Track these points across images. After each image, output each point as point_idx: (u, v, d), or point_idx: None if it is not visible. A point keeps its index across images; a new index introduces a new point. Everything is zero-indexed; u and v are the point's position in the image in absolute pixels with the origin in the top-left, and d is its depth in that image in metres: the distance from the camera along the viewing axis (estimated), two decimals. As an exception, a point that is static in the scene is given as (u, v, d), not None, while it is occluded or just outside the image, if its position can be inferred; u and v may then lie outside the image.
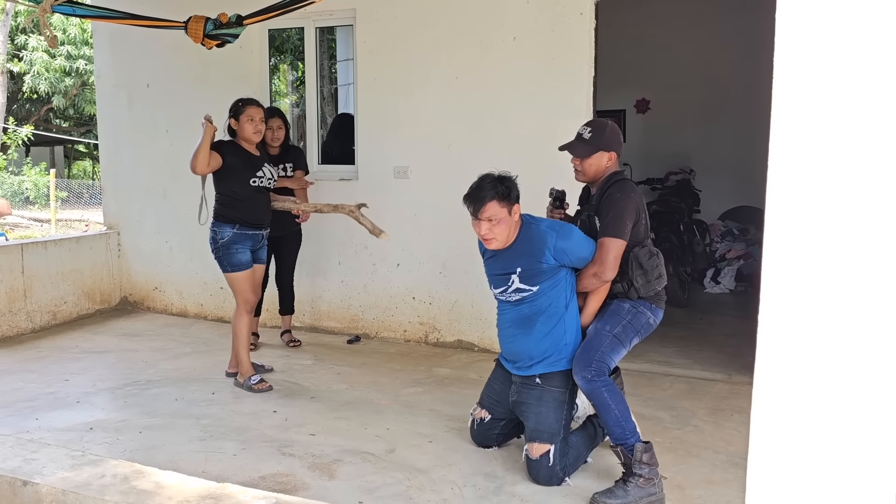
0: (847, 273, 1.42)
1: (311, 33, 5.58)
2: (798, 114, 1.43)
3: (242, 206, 4.22)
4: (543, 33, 4.70)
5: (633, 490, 2.84)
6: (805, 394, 1.47)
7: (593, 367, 2.98)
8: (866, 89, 1.38)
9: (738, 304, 6.68)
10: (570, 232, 3.09)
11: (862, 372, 1.42)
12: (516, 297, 3.13)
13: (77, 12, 4.33)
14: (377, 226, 4.29)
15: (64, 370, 4.65)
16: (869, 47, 1.37)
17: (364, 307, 5.48)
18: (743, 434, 3.59)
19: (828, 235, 1.42)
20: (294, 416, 3.85)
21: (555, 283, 3.08)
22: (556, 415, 3.09)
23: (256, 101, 4.32)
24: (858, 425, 1.44)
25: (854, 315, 1.42)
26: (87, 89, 18.22)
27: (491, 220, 3.02)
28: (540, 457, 3.04)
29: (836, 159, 1.41)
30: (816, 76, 1.42)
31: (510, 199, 3.03)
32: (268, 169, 4.33)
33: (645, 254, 3.10)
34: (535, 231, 3.08)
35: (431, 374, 4.58)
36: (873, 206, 1.38)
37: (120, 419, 3.80)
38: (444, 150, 5.08)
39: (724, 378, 4.47)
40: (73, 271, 5.99)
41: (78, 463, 2.58)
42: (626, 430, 2.92)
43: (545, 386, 3.12)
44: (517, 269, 3.08)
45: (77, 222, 15.72)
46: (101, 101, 6.50)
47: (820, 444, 1.47)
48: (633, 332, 3.09)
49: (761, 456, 1.51)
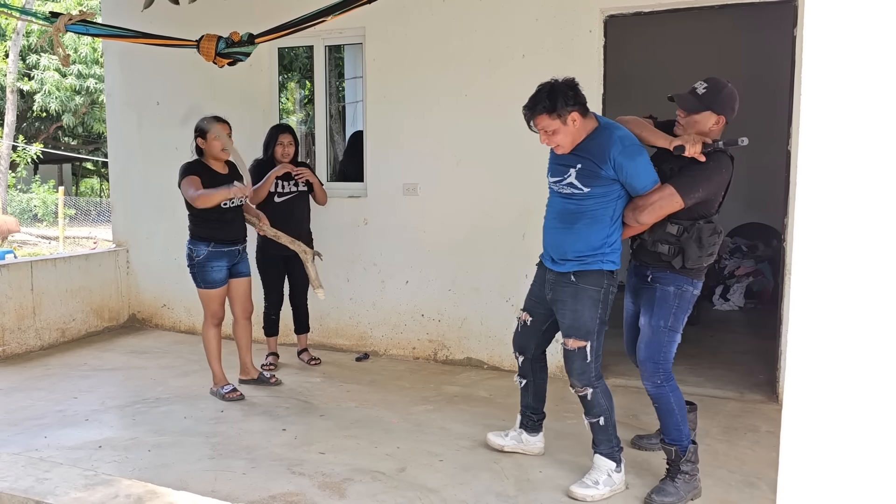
0: (879, 284, 1.40)
1: (320, 51, 5.62)
2: (826, 123, 1.42)
3: (214, 225, 4.30)
4: (552, 50, 4.72)
5: (681, 486, 3.03)
6: (836, 413, 1.45)
7: (661, 374, 3.07)
8: (892, 99, 1.37)
9: (748, 321, 6.65)
10: (637, 154, 3.00)
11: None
12: (567, 191, 3.11)
13: (90, 31, 4.35)
14: (318, 280, 4.46)
15: (73, 388, 4.64)
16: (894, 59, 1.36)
17: (373, 324, 5.46)
18: (757, 453, 3.56)
19: (858, 245, 1.41)
20: (303, 434, 3.83)
21: (607, 193, 3.04)
22: (591, 313, 3.10)
23: (222, 119, 4.39)
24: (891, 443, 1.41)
25: (884, 329, 1.40)
26: (97, 107, 18.37)
27: (545, 131, 3.05)
28: (576, 349, 3.10)
29: (869, 168, 1.40)
30: (844, 83, 1.40)
31: (557, 110, 2.98)
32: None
33: (709, 230, 3.03)
34: (607, 137, 3.03)
35: (441, 392, 4.55)
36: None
37: (129, 437, 3.78)
38: (453, 167, 5.08)
39: (736, 396, 4.43)
40: (81, 288, 6.00)
41: (91, 483, 2.55)
42: (683, 434, 3.07)
43: (580, 284, 3.11)
44: (577, 165, 3.06)
45: (85, 239, 15.77)
46: (111, 120, 6.53)
47: (852, 464, 1.45)
48: (683, 312, 3.12)
49: (791, 478, 1.49)
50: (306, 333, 5.27)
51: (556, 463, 3.46)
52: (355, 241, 5.46)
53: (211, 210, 4.24)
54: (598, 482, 3.10)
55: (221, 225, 4.32)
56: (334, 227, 5.46)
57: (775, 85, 5.99)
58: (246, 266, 4.55)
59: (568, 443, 3.63)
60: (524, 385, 3.53)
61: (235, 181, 4.36)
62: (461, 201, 5.09)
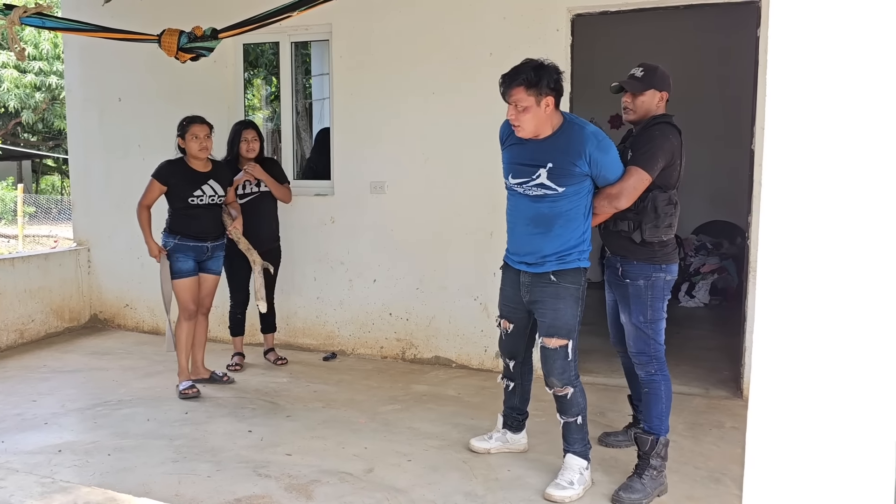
0: (841, 281, 1.42)
1: (286, 48, 5.55)
2: (790, 123, 1.43)
3: (183, 220, 4.38)
4: (520, 49, 4.68)
5: (648, 482, 3.06)
6: (800, 409, 1.46)
7: (655, 363, 3.16)
8: (857, 98, 1.38)
9: (713, 318, 6.73)
10: (610, 147, 3.03)
11: (858, 382, 1.42)
12: (536, 193, 3.06)
13: (47, 24, 4.25)
14: (260, 293, 4.59)
15: (31, 390, 4.52)
16: (858, 57, 1.38)
17: (340, 323, 5.42)
18: (722, 449, 3.60)
19: (821, 243, 1.42)
20: (270, 435, 3.78)
21: (579, 190, 3.03)
22: (573, 311, 3.11)
23: (201, 119, 4.43)
24: (855, 438, 1.43)
25: (849, 325, 1.42)
26: (57, 104, 17.97)
27: (517, 105, 2.99)
28: (558, 347, 3.09)
29: (832, 166, 1.41)
30: (808, 84, 1.42)
31: (539, 88, 2.95)
32: (210, 186, 4.42)
33: (664, 199, 3.07)
34: (578, 133, 3.01)
35: (409, 391, 4.53)
36: (868, 212, 1.39)
37: (90, 441, 3.70)
38: (421, 165, 5.06)
39: (702, 392, 4.48)
40: (41, 288, 5.86)
41: (48, 490, 2.49)
42: (664, 424, 3.14)
43: (560, 283, 3.09)
44: (548, 165, 3.01)
45: (45, 238, 15.43)
46: (71, 116, 6.39)
47: (816, 459, 1.46)
48: (660, 300, 3.16)
49: (757, 473, 1.50)
50: (273, 333, 5.21)
51: (524, 462, 3.46)
52: (322, 240, 5.41)
53: (179, 205, 4.37)
54: (572, 482, 3.10)
55: (187, 220, 4.38)
56: (301, 226, 5.40)
57: (739, 85, 6.07)
58: (216, 264, 4.57)
59: (535, 441, 3.63)
60: (511, 388, 3.52)
61: (212, 180, 4.43)
62: (429, 199, 5.07)
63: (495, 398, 4.31)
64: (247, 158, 4.82)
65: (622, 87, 3.24)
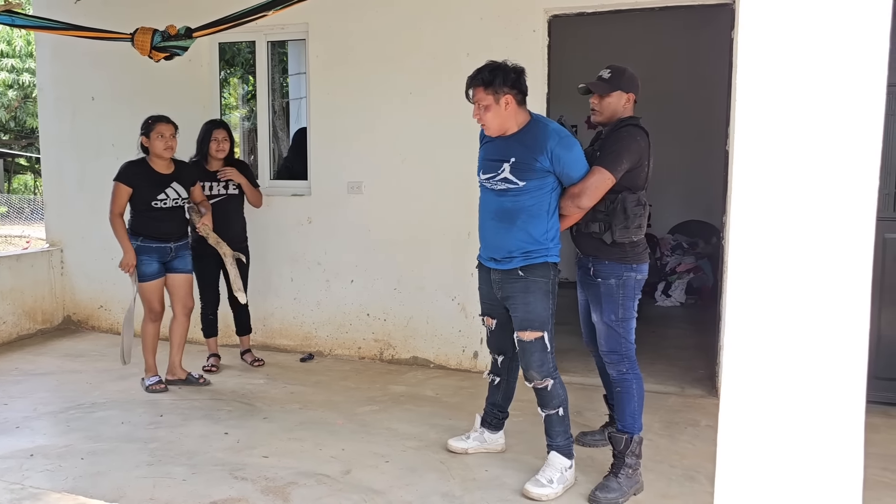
0: (812, 281, 1.44)
1: (262, 47, 5.51)
2: (761, 123, 1.45)
3: (143, 220, 4.37)
4: (497, 49, 4.69)
5: (623, 481, 3.08)
6: (771, 406, 1.48)
7: (626, 362, 3.19)
8: (825, 99, 1.40)
9: (689, 317, 6.78)
10: (573, 145, 3.08)
11: (824, 382, 1.44)
12: (500, 187, 3.12)
13: (17, 22, 4.19)
14: (237, 283, 4.55)
15: (2, 393, 4.45)
16: (826, 60, 1.40)
17: (317, 324, 5.39)
18: (697, 447, 3.63)
19: (792, 242, 1.44)
20: (246, 437, 3.75)
21: (542, 186, 3.07)
22: (544, 303, 3.14)
23: (167, 118, 4.40)
24: (822, 437, 1.46)
25: (818, 323, 1.44)
26: (30, 102, 17.72)
27: (479, 103, 3.09)
28: (533, 339, 3.12)
29: (802, 167, 1.43)
30: (778, 84, 1.44)
31: (494, 87, 3.04)
32: (174, 189, 4.41)
33: (633, 200, 3.11)
34: (541, 130, 3.08)
35: (387, 392, 4.52)
36: (836, 211, 1.41)
37: (63, 444, 3.65)
38: (398, 166, 5.05)
39: (677, 391, 4.52)
40: (12, 290, 5.77)
41: (17, 497, 2.44)
42: (637, 422, 3.18)
43: (529, 278, 3.13)
44: (511, 159, 3.08)
45: (17, 238, 15.20)
46: (43, 115, 6.30)
47: (787, 456, 1.48)
48: (631, 300, 3.18)
49: (729, 470, 1.51)
50: (248, 334, 5.17)
51: (502, 461, 3.47)
52: (299, 240, 5.38)
53: (142, 207, 4.35)
54: (552, 480, 3.11)
55: (150, 221, 4.37)
56: (277, 226, 5.37)
57: (714, 86, 6.12)
58: (183, 263, 4.54)
59: (513, 441, 3.64)
60: (497, 383, 3.53)
61: (175, 182, 4.40)
62: (406, 200, 5.06)
63: (473, 398, 4.32)
64: (216, 158, 4.78)
65: (589, 90, 3.28)
